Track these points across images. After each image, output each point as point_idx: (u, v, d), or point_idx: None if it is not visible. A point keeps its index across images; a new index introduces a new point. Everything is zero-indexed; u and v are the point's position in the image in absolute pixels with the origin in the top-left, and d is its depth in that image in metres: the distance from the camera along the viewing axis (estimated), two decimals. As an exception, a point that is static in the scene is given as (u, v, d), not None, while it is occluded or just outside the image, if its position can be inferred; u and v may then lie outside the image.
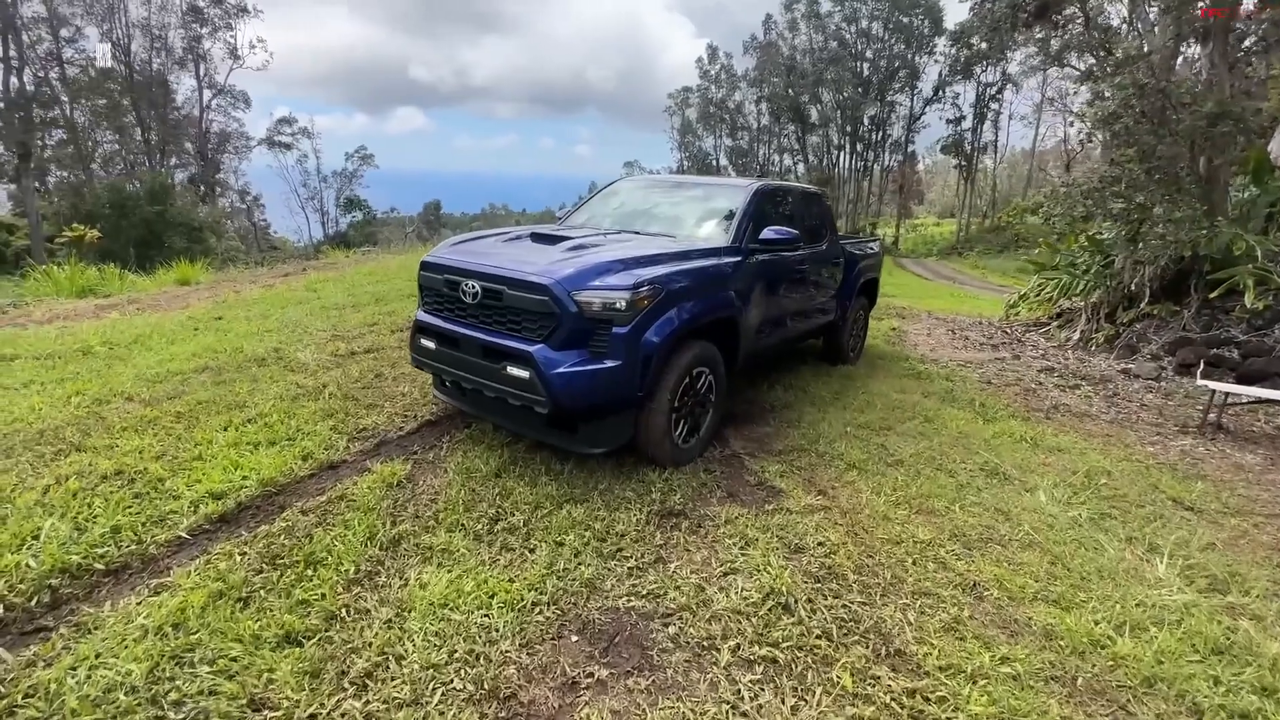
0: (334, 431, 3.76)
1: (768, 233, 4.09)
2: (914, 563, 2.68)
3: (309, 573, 2.39)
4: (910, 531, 2.92)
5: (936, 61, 44.11)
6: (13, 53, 26.22)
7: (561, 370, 3.04)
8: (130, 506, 2.79)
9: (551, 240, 3.79)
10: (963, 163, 46.20)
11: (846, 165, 50.66)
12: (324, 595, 2.27)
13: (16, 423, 3.60)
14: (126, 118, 34.14)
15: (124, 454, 3.26)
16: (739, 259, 3.96)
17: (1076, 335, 7.62)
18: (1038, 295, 9.10)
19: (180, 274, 13.65)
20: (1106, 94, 6.88)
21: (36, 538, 2.51)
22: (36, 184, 31.89)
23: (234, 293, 9.88)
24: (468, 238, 4.07)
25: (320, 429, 3.76)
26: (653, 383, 3.26)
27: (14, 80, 26.55)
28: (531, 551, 2.65)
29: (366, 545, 2.59)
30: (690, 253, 3.69)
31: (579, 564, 2.58)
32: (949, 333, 8.62)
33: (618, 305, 3.06)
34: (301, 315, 7.25)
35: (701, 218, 4.43)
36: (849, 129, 47.86)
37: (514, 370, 3.17)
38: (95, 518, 2.68)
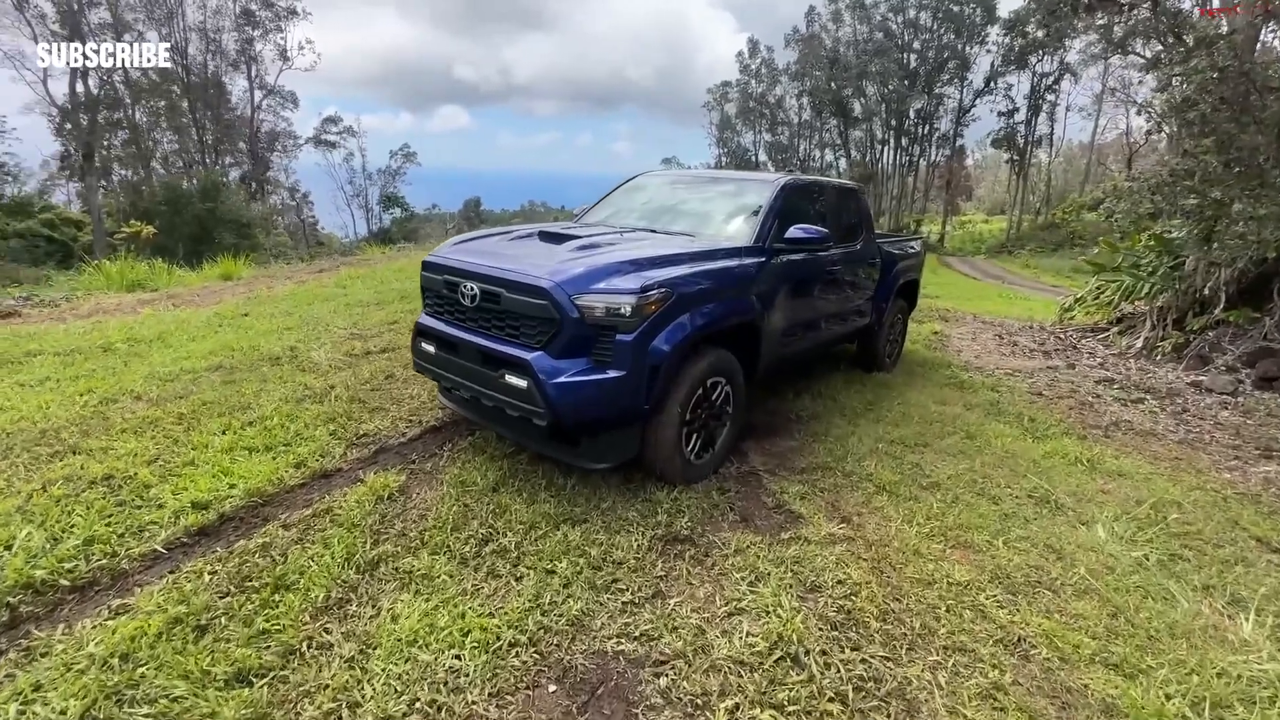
0: (333, 437, 3.62)
1: (794, 231, 3.77)
2: (948, 610, 2.35)
3: (276, 598, 2.22)
4: (945, 571, 2.59)
5: (989, 51, 42.34)
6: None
7: (561, 380, 2.81)
8: (111, 516, 2.68)
9: (559, 239, 3.56)
10: (1015, 157, 44.26)
11: (890, 160, 49.16)
12: (287, 626, 2.09)
13: (22, 421, 3.58)
14: (184, 119, 35.60)
15: (117, 458, 3.18)
16: (762, 259, 3.66)
17: (1139, 343, 7.01)
18: (1096, 298, 8.45)
19: (223, 269, 14.02)
20: (1179, 79, 6.26)
21: (9, 548, 2.41)
22: (102, 182, 33.56)
23: (267, 289, 10.01)
24: (472, 236, 3.88)
25: (319, 434, 3.63)
26: (661, 395, 3.00)
27: (79, 85, 27.85)
28: (518, 580, 2.43)
29: (343, 567, 2.41)
30: (708, 253, 3.41)
31: (568, 597, 2.34)
32: (996, 338, 8.07)
33: (623, 310, 2.81)
34: (325, 312, 7.24)
35: (724, 215, 4.14)
36: (893, 123, 46.37)
37: (512, 379, 2.95)
38: (73, 527, 2.57)
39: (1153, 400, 5.41)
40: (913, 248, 6.25)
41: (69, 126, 27.93)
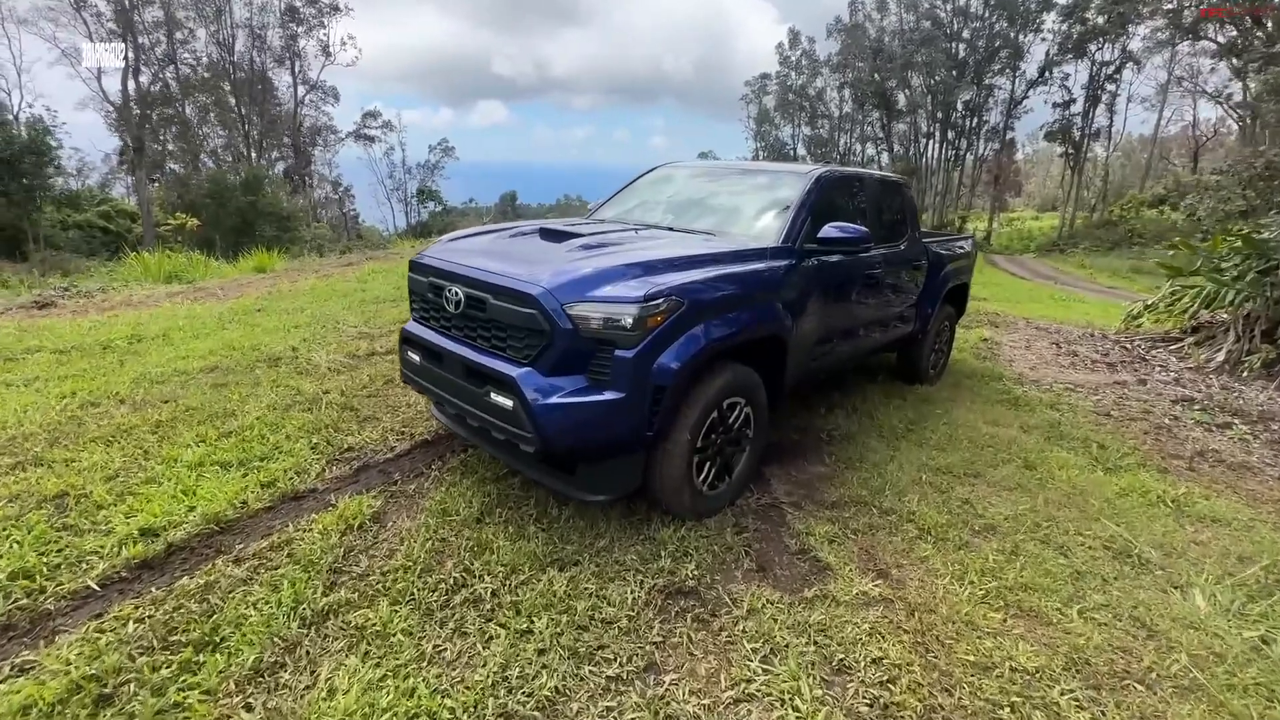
0: (314, 452, 3.32)
1: (829, 230, 3.30)
2: (1012, 710, 1.88)
3: (199, 660, 1.90)
4: (1007, 651, 2.11)
5: (1044, 40, 40.24)
6: (131, 56, 28.39)
7: (551, 401, 2.43)
8: (50, 543, 2.42)
9: (561, 237, 3.17)
10: (1070, 151, 42.07)
11: (935, 154, 47.37)
12: (201, 699, 1.76)
13: (-5, 426, 3.38)
14: (231, 114, 36.55)
15: (77, 472, 2.93)
16: (791, 262, 3.21)
17: (1221, 356, 6.26)
18: (1169, 305, 7.65)
19: (258, 262, 14.15)
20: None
21: (-71, 581, 2.15)
22: (157, 176, 34.72)
23: (290, 283, 9.93)
24: (468, 233, 3.52)
25: (300, 448, 3.34)
26: (667, 420, 2.59)
27: (130, 82, 28.76)
28: (487, 642, 2.06)
29: (287, 619, 2.08)
30: (728, 255, 2.97)
31: (542, 668, 1.95)
32: (1053, 346, 7.38)
33: (623, 322, 2.41)
34: (339, 309, 7.04)
35: (751, 211, 3.69)
36: (939, 115, 44.59)
37: (497, 397, 2.58)
38: (4, 555, 2.31)
39: (1242, 425, 4.73)
40: (963, 247, 5.67)
41: (121, 122, 28.87)
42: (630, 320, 2.41)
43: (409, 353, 3.16)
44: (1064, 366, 6.46)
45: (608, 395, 2.44)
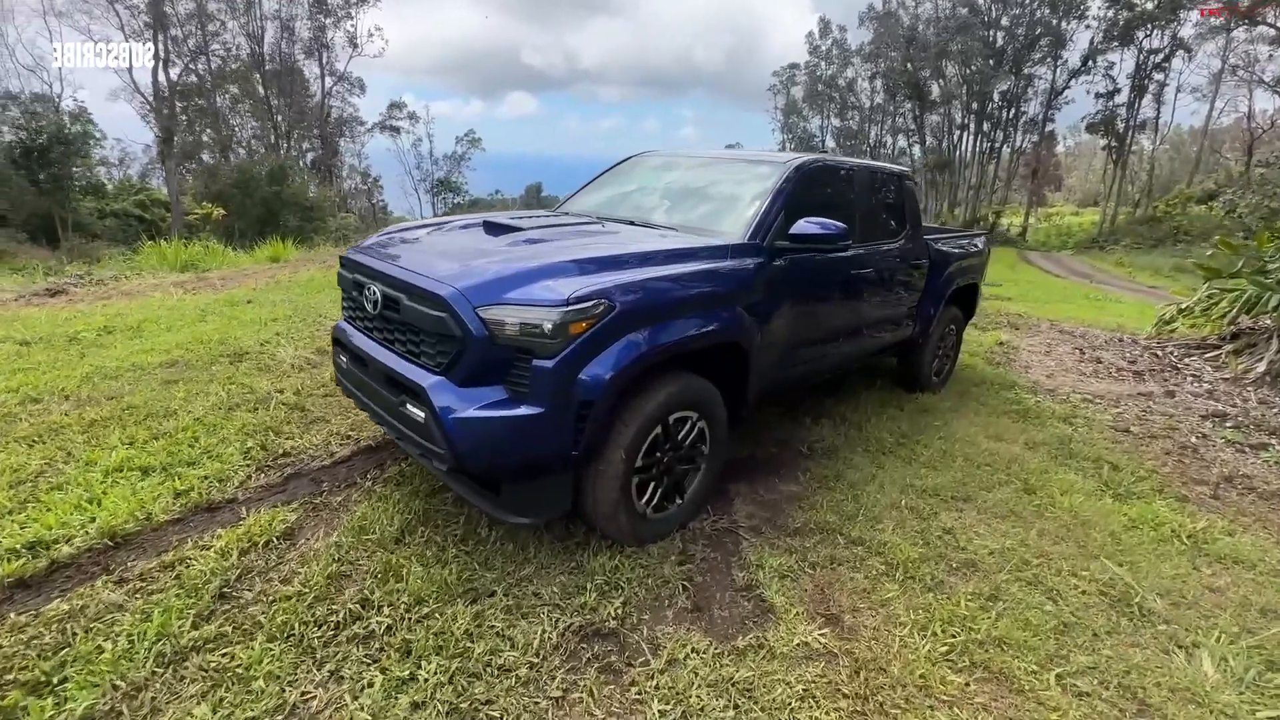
0: (245, 457, 3.13)
1: (802, 225, 2.97)
2: (956, 807, 1.57)
3: (24, 705, 1.69)
4: (964, 724, 1.79)
5: (1088, 27, 38.44)
6: (161, 48, 28.95)
7: (463, 415, 2.17)
8: (-73, 556, 2.26)
9: (502, 231, 2.91)
10: (1113, 143, 40.30)
11: (970, 147, 45.78)
12: (13, 754, 1.56)
13: (-74, 422, 3.27)
14: (261, 105, 37.13)
15: (-12, 475, 2.79)
16: (759, 260, 2.89)
17: (1262, 366, 5.72)
18: (1206, 309, 7.07)
19: (273, 251, 14.24)
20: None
21: None
22: (187, 165, 35.50)
23: (291, 274, 9.89)
24: (411, 225, 3.27)
25: (231, 452, 3.15)
26: (596, 437, 2.31)
27: (161, 74, 29.34)
28: (360, 692, 1.81)
29: (144, 656, 1.86)
30: (679, 252, 2.67)
31: (414, 727, 1.71)
32: (1075, 351, 6.88)
33: (542, 328, 2.14)
34: (326, 301, 6.91)
35: (720, 204, 3.37)
36: (974, 106, 43.04)
37: (411, 408, 2.34)
38: (-127, 570, 2.16)
39: (1280, 446, 4.26)
40: (974, 245, 5.25)
41: (151, 113, 29.51)
42: (550, 326, 2.13)
43: (338, 354, 2.94)
44: (1085, 374, 5.98)
45: (524, 410, 2.17)
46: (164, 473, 2.92)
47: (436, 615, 2.13)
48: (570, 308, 2.15)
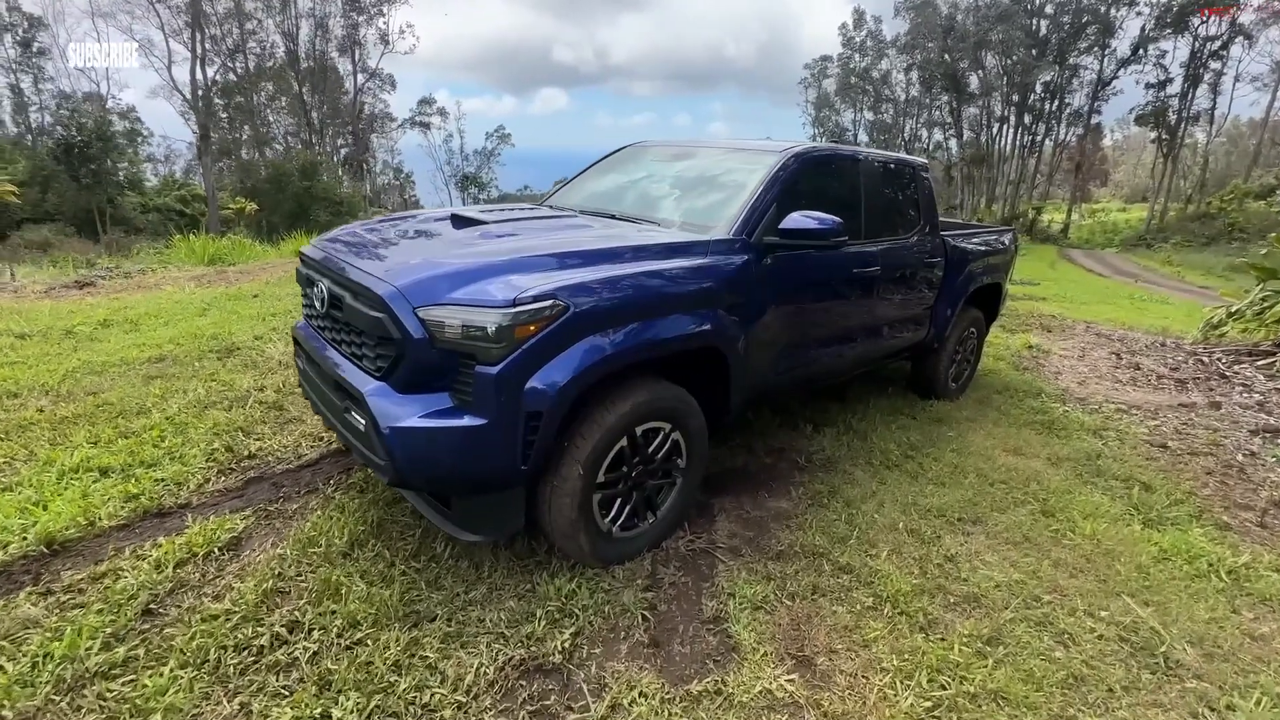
0: (208, 459, 3.02)
1: (793, 220, 2.71)
2: None
3: (-97, 735, 1.57)
4: (941, 801, 1.54)
5: (1139, 13, 36.69)
6: (199, 47, 29.72)
7: (401, 425, 1.99)
8: None
9: (467, 224, 2.73)
10: (1164, 136, 38.44)
11: (1010, 140, 44.19)
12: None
13: (-98, 416, 3.24)
14: (296, 102, 37.95)
15: (-56, 473, 2.72)
16: (745, 258, 2.65)
17: (1321, 376, 5.22)
18: (1259, 312, 6.54)
19: (297, 246, 14.45)
20: None
21: None
22: (226, 161, 36.51)
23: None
24: (380, 219, 3.11)
25: (195, 453, 3.04)
26: (549, 451, 2.11)
27: (199, 72, 30.14)
28: (265, 731, 1.65)
29: (40, 683, 1.73)
30: (651, 248, 2.45)
31: (314, 777, 1.53)
32: (1112, 356, 6.42)
33: (485, 330, 1.94)
34: (331, 297, 6.86)
35: (709, 197, 3.13)
36: (1015, 98, 41.50)
37: (355, 415, 2.18)
38: None
39: (1340, 467, 3.83)
40: (1000, 242, 4.89)
41: (190, 111, 30.33)
42: (493, 329, 1.93)
43: (298, 356, 2.80)
44: (1121, 382, 5.56)
45: (467, 420, 1.98)
46: (121, 474, 2.83)
47: (368, 641, 1.96)
48: (517, 309, 1.95)
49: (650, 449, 2.42)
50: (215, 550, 2.36)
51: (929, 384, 4.52)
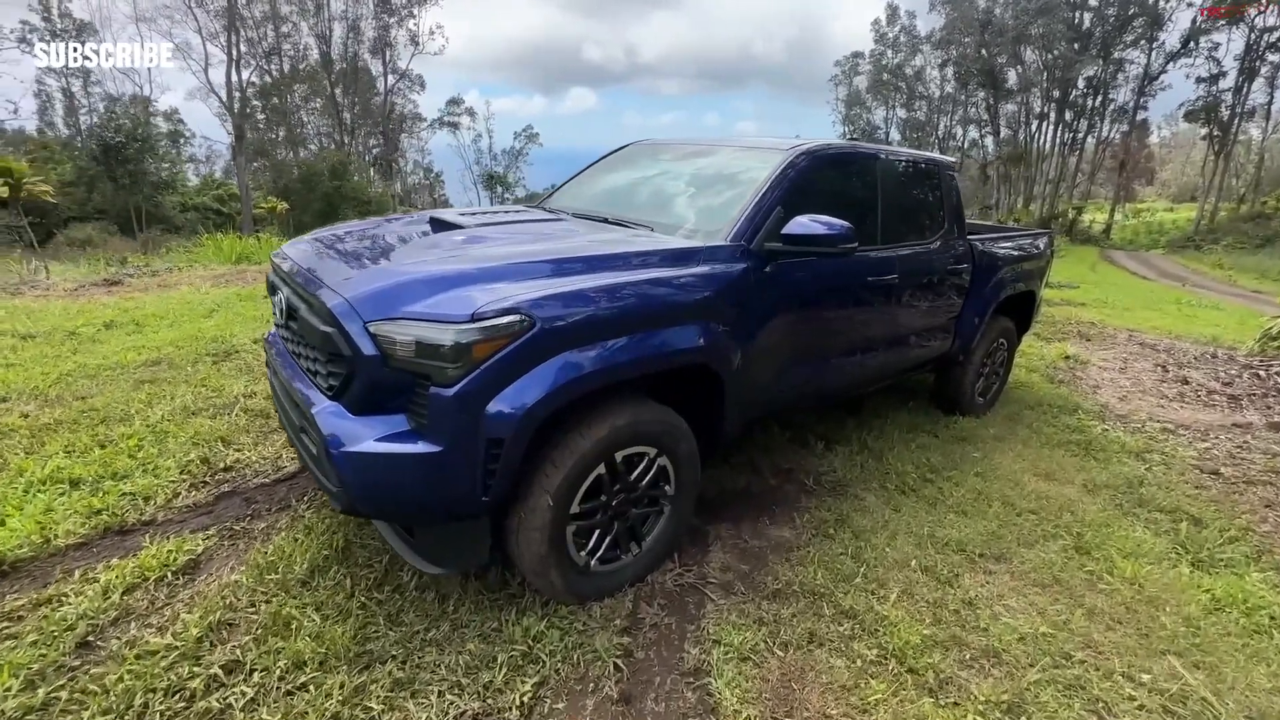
0: (182, 471, 2.91)
1: (798, 224, 2.47)
2: None
3: None
4: None
5: (1190, 4, 35.02)
6: (235, 50, 30.43)
7: (352, 450, 1.81)
8: None
9: (444, 228, 2.55)
10: (1215, 132, 36.69)
11: (1049, 138, 42.69)
12: None
13: (-112, 420, 3.21)
14: (329, 103, 38.68)
15: (-88, 483, 2.65)
16: (744, 266, 2.42)
17: (1396, 395, 4.74)
18: (1323, 322, 6.01)
19: (318, 244, 14.51)
20: None
21: None
22: (264, 162, 37.37)
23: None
24: (357, 223, 2.95)
25: (170, 465, 2.93)
26: (512, 481, 1.91)
27: (234, 74, 30.86)
28: (179, 794, 1.49)
29: (-44, 725, 1.60)
30: (636, 256, 2.23)
31: None
32: (1157, 369, 5.98)
33: (440, 348, 1.75)
34: (341, 298, 6.80)
35: (709, 200, 2.90)
36: (1056, 94, 40.06)
37: (308, 436, 2.01)
38: None
39: None
40: (1035, 247, 4.55)
41: (224, 112, 31.09)
42: (449, 346, 1.74)
43: (268, 366, 2.65)
44: (1167, 398, 5.15)
45: (421, 447, 1.80)
46: (91, 485, 2.73)
47: (311, 687, 1.79)
48: (475, 325, 1.75)
49: (633, 476, 2.21)
50: (169, 574, 2.22)
51: (954, 399, 4.21)
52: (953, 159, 3.90)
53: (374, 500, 1.86)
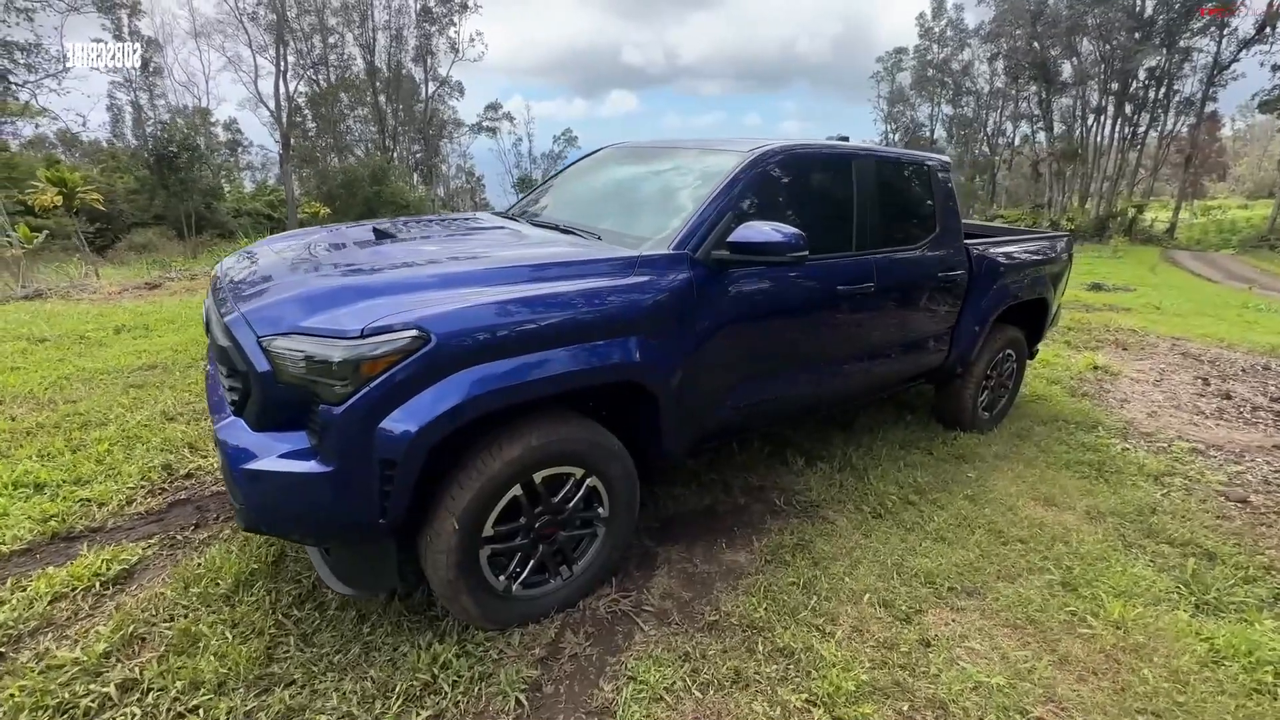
0: (143, 476, 2.94)
1: (745, 233, 2.31)
2: None
3: None
4: None
5: (1265, -13, 32.60)
6: (283, 61, 31.70)
7: (249, 467, 1.77)
8: None
9: (383, 239, 2.49)
10: (1294, 123, 34.05)
11: (1107, 132, 40.52)
12: None
13: (-111, 421, 3.36)
14: (371, 110, 39.91)
15: (-113, 484, 2.75)
16: (683, 276, 2.28)
17: None
18: (1393, 332, 5.43)
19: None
20: None
21: None
22: (313, 168, 38.81)
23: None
24: (313, 229, 2.92)
25: (132, 470, 2.97)
26: (411, 503, 1.83)
27: (281, 85, 32.13)
28: (34, 823, 1.45)
29: None
30: (560, 266, 2.13)
31: None
32: (1198, 381, 5.51)
33: (329, 364, 1.68)
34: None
35: (655, 205, 2.77)
36: (1114, 86, 37.99)
37: (218, 450, 1.98)
38: None
39: None
40: (1050, 250, 4.25)
41: (273, 120, 32.41)
42: (337, 363, 1.67)
43: (214, 375, 2.65)
44: (1203, 414, 4.72)
45: (311, 466, 1.73)
46: (53, 489, 2.78)
47: (201, 711, 1.74)
48: (365, 341, 1.68)
49: (557, 498, 2.10)
50: (98, 584, 2.23)
51: (955, 413, 3.95)
52: (945, 157, 3.65)
53: (271, 519, 1.81)
